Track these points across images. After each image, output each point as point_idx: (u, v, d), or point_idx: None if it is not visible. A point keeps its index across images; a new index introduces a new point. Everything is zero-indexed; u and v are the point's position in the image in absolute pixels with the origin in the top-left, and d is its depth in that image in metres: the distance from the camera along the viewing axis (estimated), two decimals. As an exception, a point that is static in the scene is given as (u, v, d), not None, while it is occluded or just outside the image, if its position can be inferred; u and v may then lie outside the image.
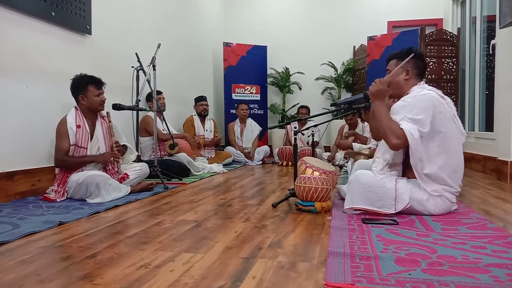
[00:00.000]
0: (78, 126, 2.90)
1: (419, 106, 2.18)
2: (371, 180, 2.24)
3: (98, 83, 3.02)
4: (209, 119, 5.53)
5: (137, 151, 3.90)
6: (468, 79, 5.66)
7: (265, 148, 6.12)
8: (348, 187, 2.34)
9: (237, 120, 6.19)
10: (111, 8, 3.91)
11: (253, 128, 6.18)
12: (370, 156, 3.72)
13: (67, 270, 1.42)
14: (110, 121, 3.12)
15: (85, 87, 2.96)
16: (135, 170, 3.17)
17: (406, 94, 2.39)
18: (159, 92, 4.50)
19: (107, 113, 3.14)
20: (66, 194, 2.80)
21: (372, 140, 4.00)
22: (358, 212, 2.29)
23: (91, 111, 3.02)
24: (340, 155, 5.52)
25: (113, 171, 3.02)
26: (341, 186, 2.72)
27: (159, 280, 1.32)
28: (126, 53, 3.95)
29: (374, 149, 3.74)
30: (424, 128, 2.14)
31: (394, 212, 2.20)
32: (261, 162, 5.94)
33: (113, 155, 3.00)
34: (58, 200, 2.73)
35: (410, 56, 2.38)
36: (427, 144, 2.19)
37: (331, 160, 5.58)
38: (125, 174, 3.07)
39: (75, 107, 2.99)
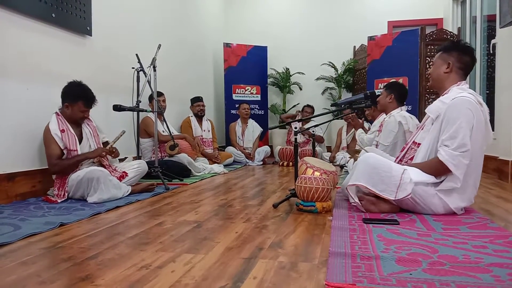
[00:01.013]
0: (62, 131, 2.84)
1: (460, 119, 2.13)
2: (378, 163, 2.25)
3: (89, 101, 2.95)
4: (206, 120, 5.53)
5: (138, 152, 3.90)
6: (468, 79, 5.64)
7: (266, 148, 6.12)
8: (355, 167, 2.35)
9: (239, 120, 6.20)
10: (111, 9, 3.91)
11: (254, 128, 6.18)
12: None
13: (68, 271, 1.42)
14: (114, 143, 3.14)
15: (75, 100, 2.90)
16: (133, 168, 3.18)
17: (445, 93, 2.33)
18: (160, 94, 4.51)
19: (107, 143, 3.14)
20: (67, 195, 2.80)
21: (369, 136, 4.00)
22: (354, 199, 2.29)
23: (71, 120, 2.95)
24: (341, 154, 5.53)
25: (111, 169, 3.02)
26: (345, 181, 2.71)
27: (160, 281, 1.32)
28: (126, 54, 3.95)
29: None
30: (468, 151, 2.12)
31: (393, 199, 2.20)
32: (261, 163, 5.95)
33: (104, 150, 2.98)
34: (59, 201, 2.73)
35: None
36: None
37: (332, 160, 5.58)
38: (124, 172, 3.07)
39: (56, 112, 2.92)
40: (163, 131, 4.33)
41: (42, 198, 2.82)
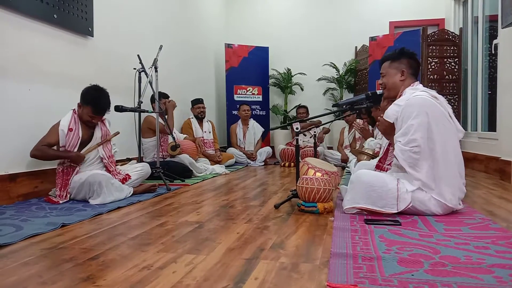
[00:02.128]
0: (70, 129, 2.85)
1: (412, 117, 2.22)
2: (373, 180, 2.24)
3: (97, 110, 2.92)
4: (207, 121, 5.53)
5: (140, 153, 3.90)
6: (470, 79, 5.65)
7: (267, 149, 6.10)
8: (349, 186, 2.34)
9: (239, 122, 6.18)
10: (113, 10, 3.92)
11: (255, 130, 6.17)
12: (373, 156, 3.72)
13: (69, 272, 1.43)
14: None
15: (86, 103, 2.90)
16: (136, 170, 3.18)
17: (399, 96, 2.43)
18: (166, 96, 4.50)
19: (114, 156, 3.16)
20: (69, 196, 2.81)
21: (376, 141, 4.00)
22: (355, 211, 2.28)
23: (82, 120, 2.95)
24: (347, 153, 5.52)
25: (115, 172, 3.02)
26: (343, 186, 2.72)
27: (161, 281, 1.32)
28: (128, 54, 3.95)
29: (378, 151, 3.74)
30: (417, 146, 2.19)
31: (396, 211, 2.20)
32: (263, 163, 5.94)
33: (81, 159, 2.89)
34: (60, 202, 2.74)
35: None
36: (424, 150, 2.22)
37: (346, 161, 5.48)
38: (127, 175, 3.07)
39: (73, 109, 2.95)
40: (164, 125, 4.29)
41: (44, 198, 2.82)
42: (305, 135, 5.92)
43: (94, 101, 2.90)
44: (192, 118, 5.37)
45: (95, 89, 2.93)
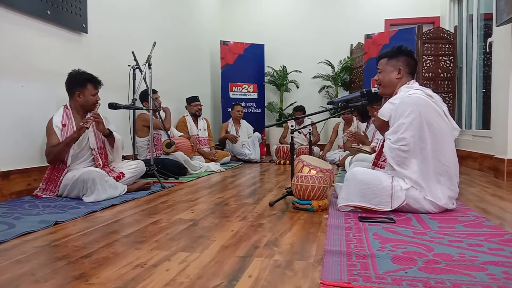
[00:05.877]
0: (63, 125, 2.86)
1: (404, 116, 2.22)
2: (367, 177, 2.25)
3: (96, 82, 3.03)
4: (202, 119, 5.50)
5: (134, 151, 3.88)
6: (465, 77, 5.67)
7: (257, 134, 6.01)
8: (344, 184, 2.34)
9: (231, 120, 6.16)
10: (107, 7, 3.89)
11: (247, 128, 6.20)
12: (370, 153, 3.73)
13: (62, 270, 1.42)
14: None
15: (84, 85, 2.95)
16: (131, 168, 3.16)
17: (395, 94, 2.43)
18: (154, 91, 4.48)
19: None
20: (56, 192, 2.80)
21: (375, 138, 4.00)
22: (350, 208, 2.29)
23: (84, 109, 3.00)
24: (338, 153, 5.51)
25: (108, 169, 3.01)
26: (338, 184, 2.72)
27: (154, 279, 1.31)
28: (122, 51, 3.93)
29: (375, 146, 3.75)
30: (406, 145, 2.20)
31: (390, 209, 2.21)
32: (258, 160, 5.92)
33: (85, 121, 2.83)
34: (43, 196, 2.76)
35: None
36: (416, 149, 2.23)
37: (322, 158, 5.54)
38: (121, 173, 3.06)
39: (65, 105, 2.95)
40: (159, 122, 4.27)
41: (32, 195, 2.82)
42: (299, 133, 5.91)
43: (90, 78, 2.98)
44: (187, 115, 5.34)
45: (79, 72, 2.99)
